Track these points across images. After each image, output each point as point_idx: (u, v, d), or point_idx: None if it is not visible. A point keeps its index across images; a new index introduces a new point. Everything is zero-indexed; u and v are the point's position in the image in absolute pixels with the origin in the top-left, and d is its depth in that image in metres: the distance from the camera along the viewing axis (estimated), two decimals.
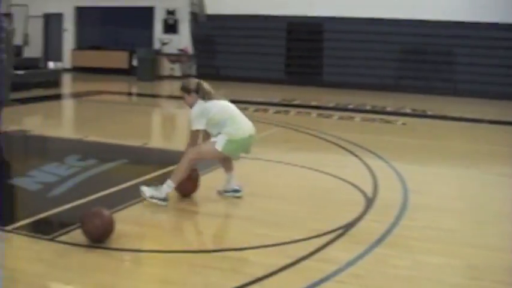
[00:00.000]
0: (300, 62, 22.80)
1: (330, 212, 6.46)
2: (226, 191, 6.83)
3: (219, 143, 6.36)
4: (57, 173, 7.65)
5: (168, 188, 6.37)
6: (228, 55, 23.24)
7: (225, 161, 6.84)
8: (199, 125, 6.40)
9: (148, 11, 25.12)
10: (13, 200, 7.05)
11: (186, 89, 6.57)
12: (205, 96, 6.48)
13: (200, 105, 6.45)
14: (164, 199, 6.36)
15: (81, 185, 7.19)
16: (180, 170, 6.40)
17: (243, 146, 6.54)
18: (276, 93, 18.92)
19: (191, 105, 6.55)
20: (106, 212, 5.27)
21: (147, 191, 6.39)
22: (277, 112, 14.45)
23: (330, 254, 5.15)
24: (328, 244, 5.37)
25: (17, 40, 22.19)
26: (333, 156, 9.73)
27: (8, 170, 8.68)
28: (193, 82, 6.60)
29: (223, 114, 6.44)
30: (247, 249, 5.26)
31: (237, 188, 6.82)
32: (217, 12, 23.70)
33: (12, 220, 5.88)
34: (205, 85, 6.59)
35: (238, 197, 6.76)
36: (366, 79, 21.15)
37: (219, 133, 6.40)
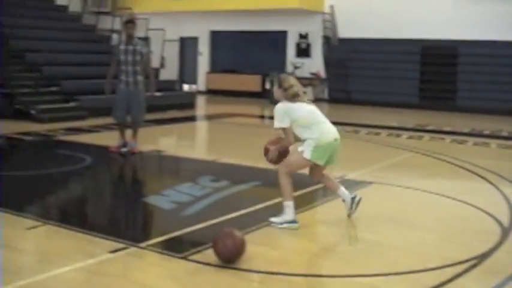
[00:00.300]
0: (433, 87, 22.28)
1: (463, 241, 6.25)
2: (349, 209, 6.76)
3: (306, 151, 6.37)
4: (191, 193, 7.84)
5: (289, 208, 6.40)
6: (361, 79, 23.11)
7: (322, 177, 6.81)
8: (282, 123, 6.43)
9: (281, 35, 25.42)
10: (148, 217, 7.29)
11: (279, 83, 6.59)
12: (293, 98, 6.47)
13: (285, 104, 6.47)
14: (293, 221, 6.38)
15: (214, 205, 7.34)
16: (284, 188, 6.45)
17: (330, 151, 6.45)
18: (409, 118, 18.62)
19: (277, 100, 6.59)
20: (238, 233, 5.33)
21: (276, 220, 6.43)
22: (410, 137, 14.19)
23: (463, 285, 4.99)
24: (462, 274, 5.20)
25: (154, 63, 22.96)
26: (467, 183, 9.45)
27: (144, 189, 8.99)
28: (288, 80, 6.59)
29: (309, 119, 6.44)
30: (378, 275, 5.18)
31: (353, 195, 6.77)
32: (349, 36, 23.67)
33: (146, 237, 6.07)
34: (297, 87, 6.55)
35: (358, 202, 6.72)
36: (501, 104, 20.41)
37: (306, 139, 6.39)
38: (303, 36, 25.13)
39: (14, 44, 17.35)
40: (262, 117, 20.18)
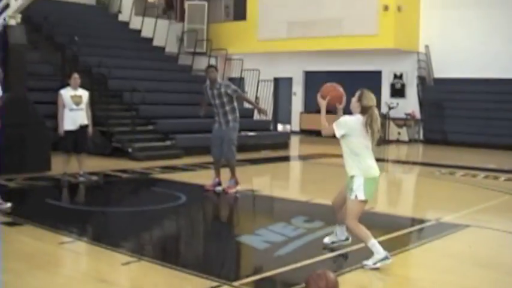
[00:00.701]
0: None
1: None
2: (333, 242, 6.97)
3: (359, 194, 6.34)
4: (284, 233, 7.79)
5: (374, 247, 6.30)
6: (457, 119, 22.64)
7: (341, 207, 6.87)
8: (337, 132, 6.47)
9: (375, 75, 25.26)
10: (241, 256, 7.27)
11: (360, 96, 6.58)
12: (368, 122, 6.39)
13: (356, 119, 6.47)
14: (385, 257, 6.26)
15: (307, 246, 7.26)
16: (359, 234, 6.47)
17: (375, 186, 6.59)
18: (507, 160, 18.07)
19: (351, 111, 6.55)
20: (331, 275, 5.23)
21: (368, 262, 6.30)
22: (508, 179, 13.74)
23: None
24: None
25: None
26: None
27: (237, 228, 8.99)
28: (370, 98, 6.57)
29: (361, 146, 6.44)
30: None
31: (348, 236, 6.92)
32: (445, 75, 23.34)
33: (239, 276, 6.05)
34: (375, 112, 6.49)
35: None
36: None
37: (353, 175, 6.40)
38: (397, 77, 24.93)
39: (113, 84, 17.85)
40: None
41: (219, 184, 11.04)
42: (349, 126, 6.42)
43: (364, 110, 6.46)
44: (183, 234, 8.52)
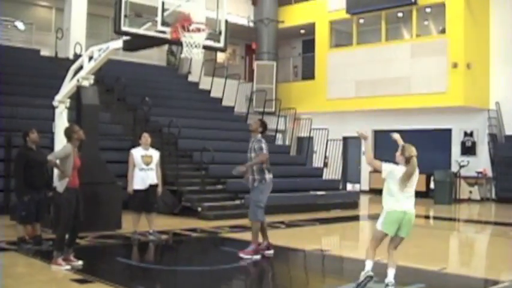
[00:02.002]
0: None
1: None
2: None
3: (379, 222, 7.55)
4: None
5: (366, 264, 7.66)
6: None
7: (393, 249, 7.78)
8: (384, 168, 7.68)
9: (445, 133, 24.99)
10: None
11: (402, 150, 7.80)
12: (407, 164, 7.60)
13: (400, 168, 7.62)
14: (369, 276, 7.56)
15: None
16: (367, 249, 7.81)
17: (398, 222, 7.49)
18: None
19: (397, 162, 7.71)
20: None
21: None
22: None
23: None
24: None
25: (318, 162, 23.17)
26: None
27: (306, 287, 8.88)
28: (411, 150, 7.74)
29: (396, 189, 7.52)
30: None
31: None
32: None
33: None
34: (415, 160, 7.66)
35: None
36: None
37: (385, 202, 7.56)
38: (467, 134, 24.59)
39: (183, 143, 18.10)
40: (427, 217, 19.66)
41: (268, 248, 10.61)
42: (391, 172, 7.61)
43: (408, 161, 7.64)
44: None
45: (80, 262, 9.12)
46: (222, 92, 23.86)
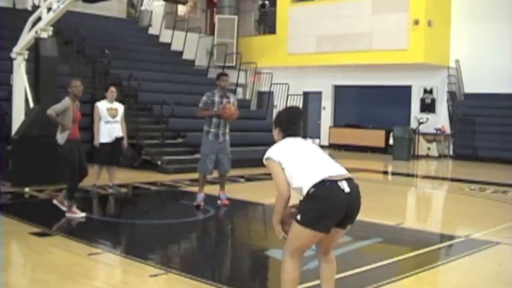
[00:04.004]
0: None
1: None
2: None
3: None
4: (312, 248, 7.73)
5: None
6: (487, 135, 22.35)
7: None
8: None
9: (405, 90, 25.16)
10: (268, 270, 7.23)
11: None
12: None
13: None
14: None
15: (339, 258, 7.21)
16: None
17: None
18: None
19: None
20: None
21: None
22: None
23: None
24: None
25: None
26: None
27: (265, 241, 8.94)
28: None
29: None
30: None
31: None
32: (475, 91, 23.16)
33: None
34: None
35: None
36: None
37: None
38: (427, 91, 24.79)
39: (142, 97, 17.97)
40: (385, 172, 19.91)
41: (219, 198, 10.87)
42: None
43: None
44: (210, 248, 8.50)
45: (83, 214, 9.40)
46: (183, 45, 23.65)
